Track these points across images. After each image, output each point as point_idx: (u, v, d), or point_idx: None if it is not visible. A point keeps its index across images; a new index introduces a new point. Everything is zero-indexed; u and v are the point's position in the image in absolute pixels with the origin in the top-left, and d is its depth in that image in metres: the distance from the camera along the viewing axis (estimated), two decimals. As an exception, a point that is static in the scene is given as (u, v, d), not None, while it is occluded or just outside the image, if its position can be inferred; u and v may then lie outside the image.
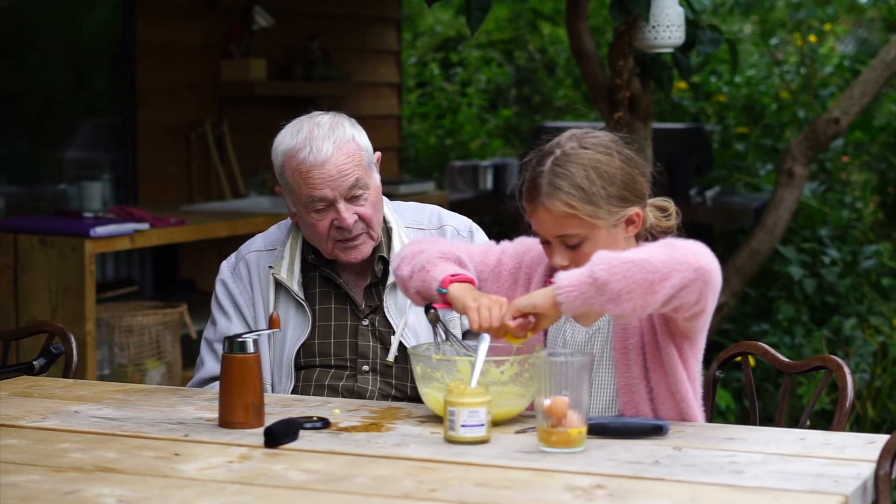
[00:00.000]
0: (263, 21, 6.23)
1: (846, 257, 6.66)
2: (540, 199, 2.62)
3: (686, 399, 2.66)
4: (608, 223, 2.62)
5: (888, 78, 5.65)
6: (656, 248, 2.50)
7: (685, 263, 2.46)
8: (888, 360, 5.89)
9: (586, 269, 2.46)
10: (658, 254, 2.47)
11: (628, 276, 2.43)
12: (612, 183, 2.62)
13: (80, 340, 4.51)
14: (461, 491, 2.16)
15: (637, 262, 2.45)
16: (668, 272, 2.45)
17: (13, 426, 2.61)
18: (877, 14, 8.84)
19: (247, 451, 2.42)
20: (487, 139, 9.37)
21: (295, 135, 3.01)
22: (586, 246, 2.62)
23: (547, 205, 2.61)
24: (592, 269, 2.45)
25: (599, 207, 2.61)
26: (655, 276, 2.44)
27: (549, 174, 2.62)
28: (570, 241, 2.63)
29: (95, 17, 5.97)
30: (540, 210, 2.63)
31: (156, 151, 5.97)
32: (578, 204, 2.60)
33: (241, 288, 3.12)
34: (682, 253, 2.48)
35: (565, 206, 2.60)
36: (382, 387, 3.05)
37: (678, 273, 2.45)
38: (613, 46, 4.71)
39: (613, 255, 2.47)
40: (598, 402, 2.70)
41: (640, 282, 2.43)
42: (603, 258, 2.46)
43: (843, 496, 2.12)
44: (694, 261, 2.47)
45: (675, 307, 2.50)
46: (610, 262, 2.45)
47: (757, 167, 7.46)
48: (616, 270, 2.44)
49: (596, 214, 2.61)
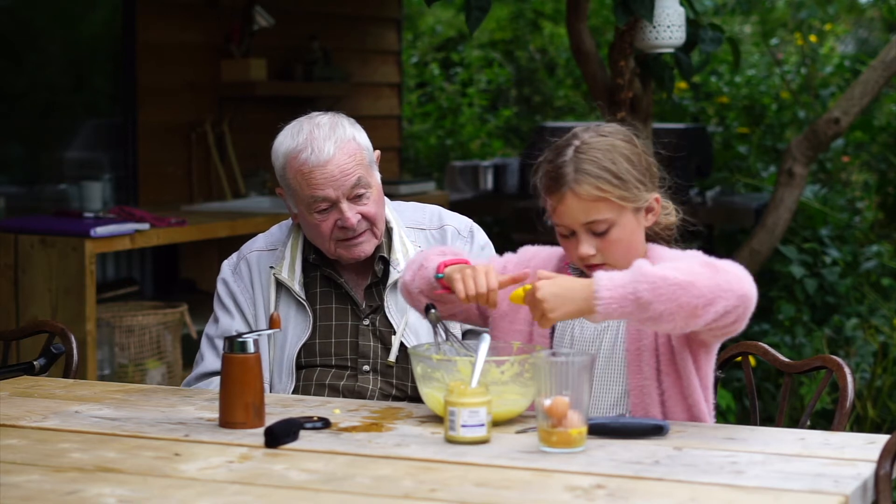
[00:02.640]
0: (264, 21, 6.23)
1: (847, 257, 6.66)
2: (568, 186, 2.62)
3: (697, 404, 2.66)
4: (634, 206, 2.65)
5: (888, 78, 5.64)
6: (699, 269, 2.46)
7: (730, 291, 2.44)
8: (889, 360, 5.88)
9: (629, 284, 2.42)
10: (703, 277, 2.44)
11: (672, 300, 2.41)
12: (636, 166, 2.65)
13: (81, 340, 4.51)
14: (461, 491, 2.16)
15: (683, 285, 2.42)
16: (714, 298, 2.43)
17: (13, 426, 2.60)
18: (877, 14, 8.84)
19: (247, 451, 2.42)
20: (488, 139, 9.37)
21: (295, 136, 3.00)
22: (614, 232, 2.63)
23: (577, 190, 2.61)
24: (636, 286, 2.42)
25: (628, 190, 2.63)
26: (700, 302, 2.42)
27: (574, 162, 2.63)
28: (599, 228, 2.63)
29: (95, 17, 5.97)
30: (569, 197, 2.62)
31: (156, 151, 5.98)
32: (608, 186, 2.61)
33: (242, 287, 3.12)
34: (727, 279, 2.45)
35: (595, 190, 2.61)
36: (383, 387, 3.05)
37: (723, 300, 2.43)
38: (614, 46, 4.71)
39: (658, 275, 2.43)
40: (605, 401, 2.70)
41: (683, 305, 2.42)
42: (647, 275, 2.43)
43: (844, 496, 2.11)
44: (738, 288, 2.45)
45: (711, 328, 2.50)
46: (655, 282, 2.42)
47: (758, 168, 7.46)
48: (661, 292, 2.41)
49: (625, 197, 2.63)
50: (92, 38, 5.93)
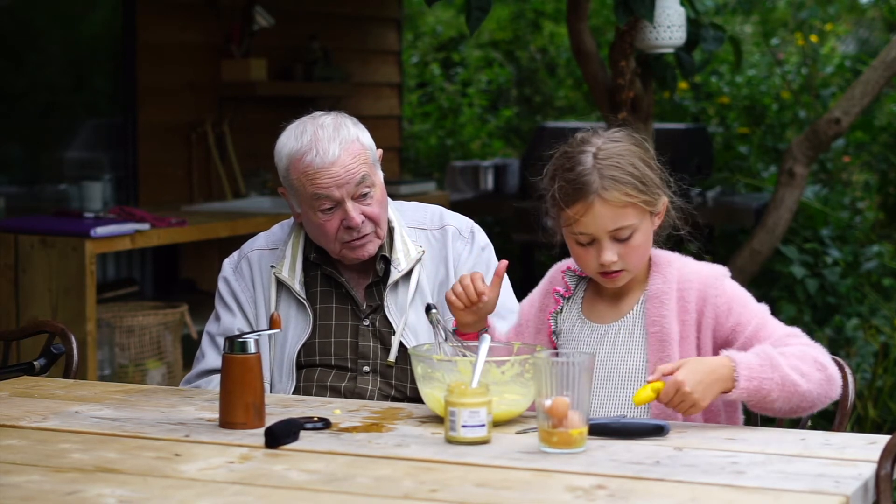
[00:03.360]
0: (264, 21, 6.23)
1: (847, 258, 6.66)
2: (596, 194, 2.64)
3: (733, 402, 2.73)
4: (654, 211, 2.70)
5: (889, 78, 5.64)
6: (816, 373, 2.59)
7: (828, 398, 2.61)
8: (889, 360, 5.88)
9: (765, 381, 2.54)
10: (816, 383, 2.59)
11: (789, 400, 2.57)
12: (653, 170, 2.71)
13: (81, 340, 4.51)
14: (462, 491, 2.16)
15: (803, 393, 2.56)
16: (817, 405, 2.61)
17: (14, 426, 2.60)
18: (877, 14, 8.84)
19: (247, 451, 2.42)
20: (488, 139, 9.37)
21: (299, 137, 3.00)
22: (636, 237, 2.68)
23: (606, 197, 2.64)
24: (770, 383, 2.54)
25: (650, 194, 2.68)
26: (806, 405, 2.60)
27: (596, 169, 2.65)
28: (623, 234, 2.67)
29: (95, 17, 5.97)
30: (597, 205, 2.64)
31: (156, 151, 5.97)
32: (634, 192, 2.65)
33: (244, 285, 3.12)
34: (834, 390, 2.62)
35: (624, 196, 2.64)
36: (382, 387, 3.04)
37: (821, 405, 2.61)
38: (614, 47, 4.71)
39: (785, 374, 2.55)
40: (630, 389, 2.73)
41: (794, 408, 2.59)
42: (778, 370, 2.55)
43: (844, 496, 2.11)
44: (835, 394, 2.63)
45: None
46: (783, 383, 2.55)
47: (758, 168, 7.46)
48: (784, 392, 2.56)
49: (649, 201, 2.68)
50: (92, 38, 5.93)
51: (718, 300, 2.69)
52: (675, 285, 2.72)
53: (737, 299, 2.70)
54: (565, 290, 2.83)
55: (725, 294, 2.70)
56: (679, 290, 2.71)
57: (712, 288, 2.70)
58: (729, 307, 2.69)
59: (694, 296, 2.70)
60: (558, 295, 2.82)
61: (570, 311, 2.81)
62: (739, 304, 2.70)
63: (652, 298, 2.72)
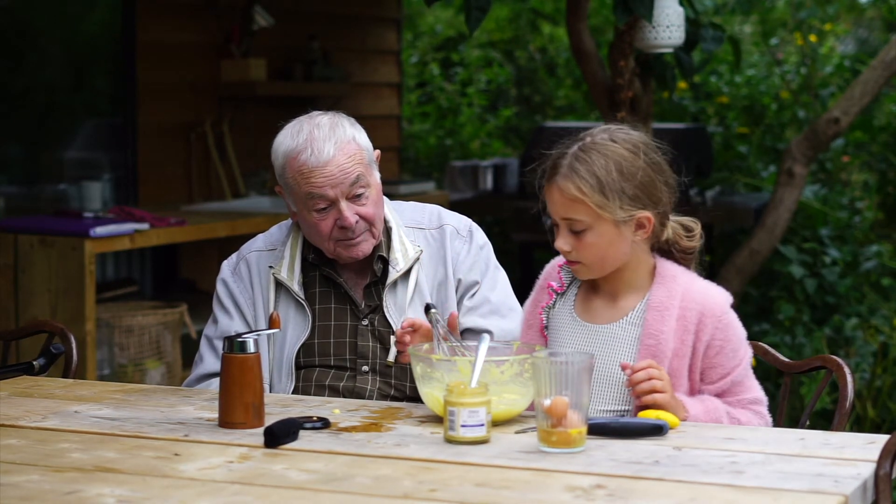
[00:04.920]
0: (263, 21, 6.23)
1: (846, 257, 6.66)
2: (556, 179, 2.71)
3: None
4: (615, 218, 2.68)
5: (888, 78, 5.65)
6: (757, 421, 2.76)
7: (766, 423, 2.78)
8: (888, 360, 5.89)
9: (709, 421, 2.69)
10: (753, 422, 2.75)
11: None
12: (629, 181, 2.69)
13: (80, 340, 4.51)
14: (461, 491, 2.16)
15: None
16: None
17: (13, 426, 2.60)
18: (877, 14, 8.84)
19: (247, 451, 2.42)
20: (488, 139, 9.37)
21: (295, 136, 3.00)
22: (589, 235, 2.69)
23: (560, 185, 2.69)
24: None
25: (609, 200, 2.67)
26: None
27: (572, 157, 2.70)
28: (576, 227, 2.70)
29: (95, 17, 5.97)
30: (553, 189, 2.71)
31: (156, 151, 5.97)
32: (588, 191, 2.67)
33: (242, 287, 3.12)
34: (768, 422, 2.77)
35: (576, 191, 2.67)
36: (382, 387, 3.04)
37: None
38: (614, 46, 4.71)
39: None
40: None
41: None
42: None
43: (843, 496, 2.11)
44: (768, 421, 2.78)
45: None
46: None
47: (758, 168, 7.46)
48: None
49: (603, 206, 2.67)
50: (92, 38, 5.93)
51: (716, 332, 2.72)
52: (678, 301, 2.72)
53: (732, 342, 2.73)
54: (559, 286, 2.84)
55: (725, 330, 2.72)
56: (682, 309, 2.71)
57: (715, 318, 2.72)
58: (722, 347, 2.72)
59: (695, 317, 2.71)
60: (551, 290, 2.84)
61: (563, 308, 2.82)
62: (731, 349, 2.73)
63: (653, 309, 2.72)
